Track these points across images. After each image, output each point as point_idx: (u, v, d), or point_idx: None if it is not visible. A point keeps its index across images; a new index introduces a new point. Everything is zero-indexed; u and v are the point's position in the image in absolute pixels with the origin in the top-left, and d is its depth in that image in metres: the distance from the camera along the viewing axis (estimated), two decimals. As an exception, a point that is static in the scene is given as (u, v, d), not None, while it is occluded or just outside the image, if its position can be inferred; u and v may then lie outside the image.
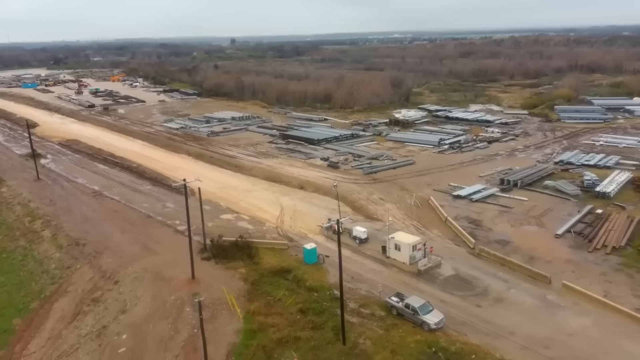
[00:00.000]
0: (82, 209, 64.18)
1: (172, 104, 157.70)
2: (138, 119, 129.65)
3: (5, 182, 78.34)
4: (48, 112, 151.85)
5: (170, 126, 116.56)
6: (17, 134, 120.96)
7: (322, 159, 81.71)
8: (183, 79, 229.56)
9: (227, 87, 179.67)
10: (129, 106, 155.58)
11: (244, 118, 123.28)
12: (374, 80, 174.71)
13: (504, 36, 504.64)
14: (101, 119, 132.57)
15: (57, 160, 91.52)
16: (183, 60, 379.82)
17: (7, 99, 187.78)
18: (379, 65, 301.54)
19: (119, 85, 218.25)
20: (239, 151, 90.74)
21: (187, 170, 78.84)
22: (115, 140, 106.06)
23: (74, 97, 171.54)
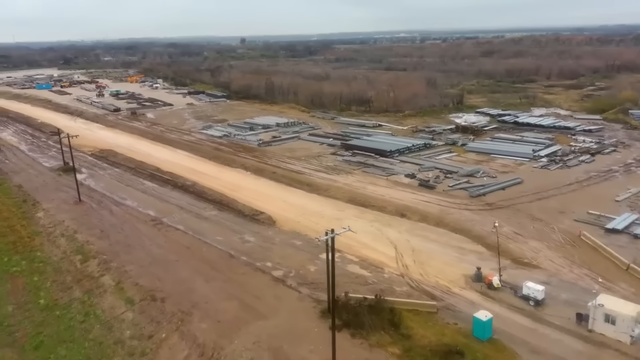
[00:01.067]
0: (144, 244, 51.80)
1: (203, 108, 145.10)
2: (172, 125, 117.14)
3: (40, 204, 65.97)
4: (70, 117, 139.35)
5: (211, 134, 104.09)
6: (41, 142, 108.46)
7: (408, 175, 69.23)
8: (204, 79, 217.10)
9: (255, 89, 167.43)
10: (156, 110, 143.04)
11: (290, 124, 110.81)
12: (412, 82, 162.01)
13: (521, 35, 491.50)
14: (132, 125, 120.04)
15: (96, 176, 79.03)
16: (195, 60, 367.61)
17: (23, 102, 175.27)
18: (398, 64, 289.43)
19: (137, 86, 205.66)
20: (302, 165, 78.26)
21: (252, 190, 66.60)
22: (154, 150, 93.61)
23: (96, 100, 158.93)
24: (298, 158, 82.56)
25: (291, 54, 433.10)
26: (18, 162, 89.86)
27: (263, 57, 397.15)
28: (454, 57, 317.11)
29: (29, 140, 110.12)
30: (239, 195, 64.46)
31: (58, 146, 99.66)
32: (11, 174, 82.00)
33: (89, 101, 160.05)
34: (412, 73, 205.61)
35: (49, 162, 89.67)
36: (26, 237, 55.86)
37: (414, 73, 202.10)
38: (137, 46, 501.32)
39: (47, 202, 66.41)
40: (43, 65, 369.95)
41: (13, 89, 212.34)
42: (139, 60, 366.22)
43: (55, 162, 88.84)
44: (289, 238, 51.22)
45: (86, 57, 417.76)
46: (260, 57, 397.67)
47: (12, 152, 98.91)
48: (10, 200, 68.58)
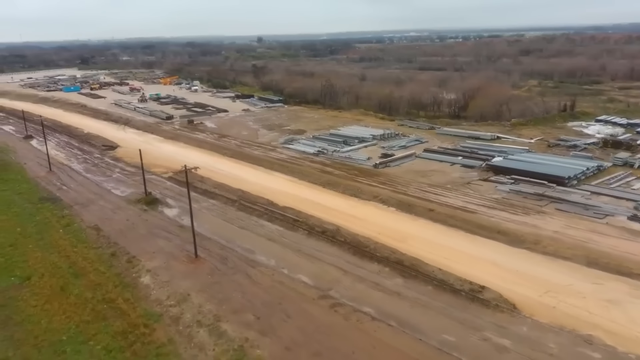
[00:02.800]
0: (337, 348, 32.93)
1: (265, 115, 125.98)
2: (244, 137, 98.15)
3: (138, 261, 47.17)
4: (115, 125, 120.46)
5: (301, 149, 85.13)
6: (95, 159, 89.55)
7: (634, 218, 50.29)
8: (245, 81, 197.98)
9: (312, 92, 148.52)
10: (213, 117, 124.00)
11: (387, 136, 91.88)
12: (491, 84, 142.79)
13: (541, 34, 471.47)
14: (196, 137, 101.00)
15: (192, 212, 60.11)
16: (215, 59, 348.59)
17: (54, 106, 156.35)
18: (432, 64, 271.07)
19: (172, 88, 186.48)
20: (458, 197, 59.31)
21: (423, 240, 47.96)
22: (244, 172, 74.65)
23: (139, 105, 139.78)
24: (441, 186, 63.61)
25: (312, 53, 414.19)
26: (80, 189, 70.94)
27: (284, 57, 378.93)
28: (489, 57, 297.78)
29: (81, 157, 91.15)
30: (412, 250, 45.69)
31: (120, 165, 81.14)
32: (77, 207, 63.16)
33: (131, 106, 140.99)
34: (472, 74, 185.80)
35: (118, 188, 70.77)
36: (141, 326, 36.96)
37: (476, 74, 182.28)
38: (153, 46, 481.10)
39: (148, 258, 47.55)
40: (60, 65, 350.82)
41: (38, 91, 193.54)
42: (158, 60, 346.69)
43: (127, 189, 70.01)
44: (566, 341, 32.33)
45: (103, 57, 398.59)
46: (281, 57, 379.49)
47: (66, 172, 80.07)
48: (92, 253, 49.75)
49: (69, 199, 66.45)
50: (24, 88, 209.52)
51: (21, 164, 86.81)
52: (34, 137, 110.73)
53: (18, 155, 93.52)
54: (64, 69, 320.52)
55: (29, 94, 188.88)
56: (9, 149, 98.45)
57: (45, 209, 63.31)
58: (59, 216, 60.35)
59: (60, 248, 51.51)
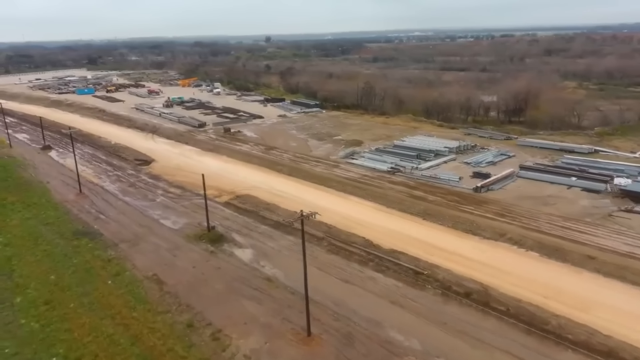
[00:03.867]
0: None
1: (304, 121, 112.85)
2: (295, 150, 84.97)
3: (228, 337, 34.05)
4: (142, 134, 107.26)
5: (369, 165, 71.94)
6: (128, 175, 76.38)
7: None
8: (268, 82, 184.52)
9: (348, 95, 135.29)
10: (249, 125, 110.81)
11: (464, 149, 78.84)
12: (544, 86, 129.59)
13: (551, 34, 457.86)
14: (239, 149, 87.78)
15: (272, 256, 46.96)
16: (225, 59, 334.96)
17: (69, 111, 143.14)
18: (452, 64, 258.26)
19: (192, 91, 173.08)
20: (621, 239, 46.15)
21: (623, 313, 34.49)
22: (312, 195, 61.31)
23: (165, 111, 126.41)
24: (577, 219, 50.57)
25: (323, 53, 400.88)
26: (121, 219, 57.73)
27: (295, 57, 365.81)
28: (512, 57, 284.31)
29: (112, 174, 77.84)
30: (611, 327, 32.56)
31: (161, 185, 67.99)
32: (124, 245, 50.03)
33: (155, 112, 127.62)
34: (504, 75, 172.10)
35: (168, 217, 57.61)
36: None
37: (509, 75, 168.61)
38: (161, 46, 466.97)
39: (241, 333, 34.40)
40: (67, 65, 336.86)
41: (49, 94, 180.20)
42: (168, 61, 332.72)
43: (179, 219, 56.84)
44: None
45: (111, 57, 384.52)
46: (292, 57, 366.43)
47: (100, 195, 66.85)
48: (160, 321, 36.57)
49: (111, 233, 53.27)
50: (34, 90, 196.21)
51: (43, 182, 73.60)
52: (53, 147, 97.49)
53: (38, 171, 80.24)
54: (72, 69, 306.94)
55: (39, 96, 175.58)
56: (27, 163, 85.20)
57: (84, 247, 50.15)
58: (103, 259, 47.19)
59: (114, 310, 38.42)
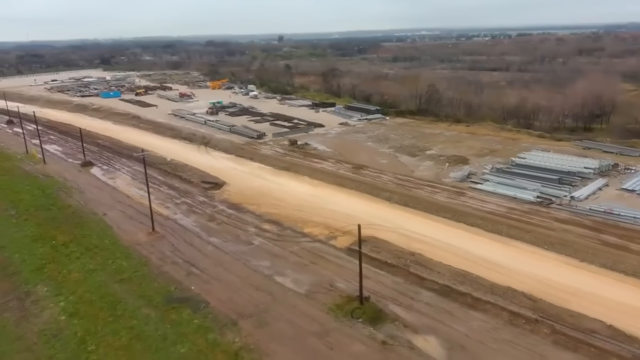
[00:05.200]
0: None
1: (373, 131, 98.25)
2: (389, 169, 70.30)
3: None
4: (191, 145, 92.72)
5: (502, 192, 57.22)
6: (200, 203, 61.81)
7: None
8: (303, 84, 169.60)
9: (408, 100, 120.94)
10: (311, 135, 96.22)
11: (605, 169, 64.17)
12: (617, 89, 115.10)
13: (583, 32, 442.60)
14: (319, 168, 73.08)
15: (469, 347, 32.28)
16: (241, 59, 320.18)
17: (98, 117, 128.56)
18: (481, 64, 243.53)
19: (224, 93, 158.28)
20: None
21: None
22: (463, 241, 46.57)
23: (210, 118, 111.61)
24: None
25: (340, 52, 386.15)
26: (222, 274, 43.12)
27: (312, 56, 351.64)
28: (544, 56, 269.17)
29: (180, 202, 63.09)
30: None
31: (248, 218, 53.46)
32: (246, 322, 35.52)
33: (198, 119, 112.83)
34: (551, 76, 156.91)
35: (283, 272, 42.98)
36: None
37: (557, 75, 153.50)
38: (174, 45, 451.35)
39: None
40: (80, 65, 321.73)
41: (70, 97, 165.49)
42: (183, 61, 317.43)
43: (300, 276, 42.28)
44: None
45: (124, 57, 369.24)
46: (309, 56, 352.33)
47: (178, 235, 52.26)
48: None
49: (219, 300, 38.70)
50: (52, 92, 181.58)
51: (98, 214, 58.97)
52: (94, 163, 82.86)
53: (87, 197, 65.56)
54: (87, 70, 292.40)
55: (60, 99, 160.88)
56: (70, 185, 70.55)
57: (187, 325, 35.66)
58: (225, 349, 32.59)
59: None
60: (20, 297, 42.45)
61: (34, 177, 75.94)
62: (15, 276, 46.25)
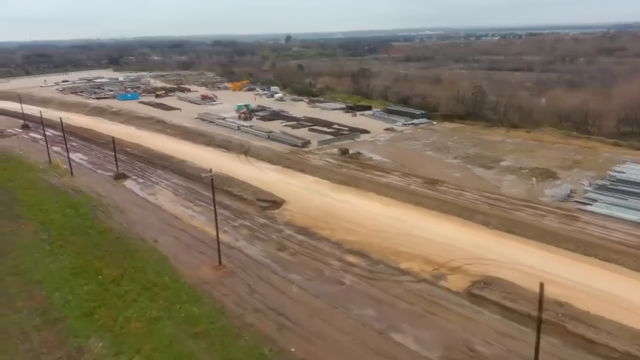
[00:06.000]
0: None
1: (425, 137, 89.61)
2: (465, 183, 61.48)
3: None
4: (229, 154, 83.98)
5: (628, 218, 48.29)
6: (262, 227, 53.12)
7: None
8: (328, 84, 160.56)
9: (449, 102, 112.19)
10: (357, 142, 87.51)
11: None
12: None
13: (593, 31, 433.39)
14: (385, 182, 64.22)
15: None
16: (252, 59, 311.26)
17: (119, 121, 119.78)
18: (499, 64, 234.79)
19: (253, 96, 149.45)
20: None
21: None
22: (626, 291, 37.75)
23: (244, 124, 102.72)
24: None
25: (350, 52, 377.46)
26: (321, 328, 34.51)
27: (322, 56, 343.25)
28: (563, 56, 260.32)
29: (238, 225, 54.37)
30: None
31: (325, 247, 44.72)
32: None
33: (230, 124, 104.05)
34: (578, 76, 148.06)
35: (397, 327, 34.28)
36: None
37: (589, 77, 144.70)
38: (181, 45, 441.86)
39: None
40: (89, 65, 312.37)
41: (84, 99, 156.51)
42: (192, 61, 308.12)
43: (422, 332, 33.63)
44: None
45: (133, 57, 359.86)
46: (319, 56, 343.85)
47: (249, 269, 43.66)
48: None
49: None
50: (65, 94, 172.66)
51: (147, 240, 50.23)
52: (127, 175, 74.00)
53: (129, 217, 56.82)
54: (97, 70, 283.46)
55: (74, 102, 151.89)
56: (106, 203, 61.75)
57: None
58: None
59: None
60: (71, 354, 33.88)
61: (63, 192, 67.16)
62: (60, 323, 37.63)
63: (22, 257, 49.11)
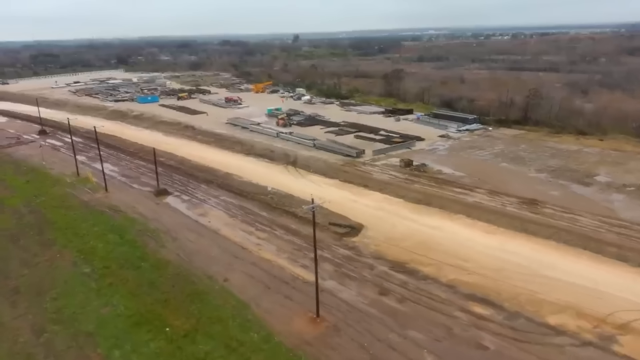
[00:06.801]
0: None
1: (488, 145, 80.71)
2: (567, 204, 52.50)
3: None
4: (273, 165, 74.97)
5: None
6: (346, 260, 44.37)
7: None
8: (356, 86, 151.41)
9: (498, 105, 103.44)
10: (414, 151, 78.54)
11: None
12: None
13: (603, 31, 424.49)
14: (471, 202, 55.31)
15: None
16: (262, 59, 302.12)
17: (142, 126, 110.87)
18: (520, 64, 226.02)
19: (281, 99, 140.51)
20: None
21: None
22: None
23: (283, 130, 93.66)
24: None
25: (361, 52, 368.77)
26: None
27: (333, 56, 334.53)
28: (585, 56, 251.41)
29: (320, 257, 45.10)
30: None
31: (441, 293, 35.68)
32: None
33: (267, 130, 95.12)
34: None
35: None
36: None
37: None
38: (189, 45, 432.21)
39: None
40: (97, 65, 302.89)
41: (101, 101, 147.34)
42: (202, 61, 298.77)
43: None
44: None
45: (141, 57, 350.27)
46: (330, 56, 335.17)
47: (351, 320, 34.85)
48: None
49: None
50: (79, 96, 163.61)
51: (216, 278, 41.20)
52: (168, 190, 64.97)
53: (185, 246, 47.88)
54: (107, 70, 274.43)
55: (91, 104, 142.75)
56: (154, 228, 52.78)
57: None
58: None
59: None
60: None
61: (99, 211, 58.20)
62: (129, 400, 28.72)
63: (65, 297, 40.33)
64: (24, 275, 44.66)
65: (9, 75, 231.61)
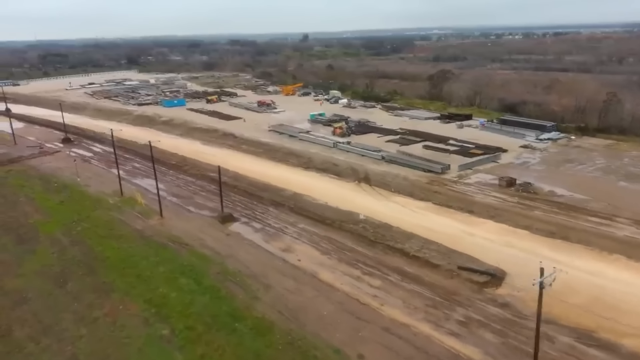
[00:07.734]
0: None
1: (587, 158, 69.81)
2: None
3: None
4: (340, 181, 64.11)
5: None
6: (502, 322, 33.50)
7: None
8: (395, 88, 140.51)
9: (558, 110, 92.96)
10: (499, 163, 67.56)
11: None
12: None
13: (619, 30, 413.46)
14: (613, 235, 44.40)
15: None
16: (276, 59, 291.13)
17: (175, 133, 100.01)
18: (545, 64, 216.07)
19: (303, 100, 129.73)
20: None
21: None
22: None
23: (340, 140, 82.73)
24: None
25: (374, 51, 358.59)
26: None
27: (346, 56, 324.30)
28: (610, 56, 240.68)
29: (464, 318, 34.39)
30: None
31: None
32: None
33: (323, 140, 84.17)
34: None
35: None
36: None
37: None
38: (199, 44, 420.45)
39: None
40: (108, 65, 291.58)
41: (124, 105, 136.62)
42: (214, 61, 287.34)
43: None
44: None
45: (151, 56, 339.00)
46: (343, 56, 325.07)
47: None
48: None
49: None
50: (97, 98, 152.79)
51: (346, 353, 30.16)
52: (234, 215, 54.06)
53: (282, 297, 37.25)
54: (119, 71, 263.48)
55: (113, 109, 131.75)
56: (236, 270, 42.00)
57: None
58: None
59: None
60: None
61: (159, 244, 47.35)
62: None
63: (143, 376, 29.44)
64: (81, 337, 33.92)
65: (18, 76, 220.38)
